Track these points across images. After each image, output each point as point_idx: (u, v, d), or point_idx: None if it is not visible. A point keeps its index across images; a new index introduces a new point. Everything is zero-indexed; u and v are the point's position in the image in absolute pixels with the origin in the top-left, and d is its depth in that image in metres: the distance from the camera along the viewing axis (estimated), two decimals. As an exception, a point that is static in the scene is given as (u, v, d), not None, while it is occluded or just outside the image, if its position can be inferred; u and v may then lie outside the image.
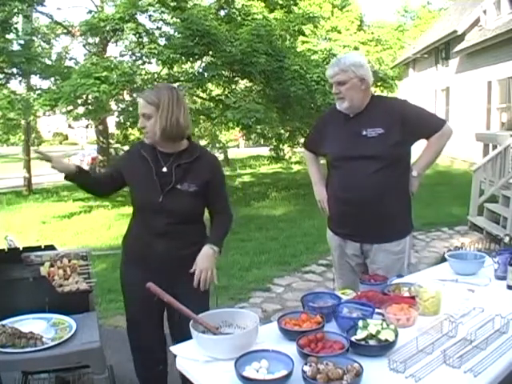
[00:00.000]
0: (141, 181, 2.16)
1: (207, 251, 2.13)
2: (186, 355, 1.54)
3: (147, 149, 2.17)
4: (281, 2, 13.69)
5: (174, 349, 1.59)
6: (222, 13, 12.20)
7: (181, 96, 2.14)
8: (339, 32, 26.39)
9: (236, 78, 11.41)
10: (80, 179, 2.21)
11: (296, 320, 1.68)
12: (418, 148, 2.59)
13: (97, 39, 11.99)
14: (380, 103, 2.50)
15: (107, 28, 9.92)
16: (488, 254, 2.33)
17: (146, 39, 10.54)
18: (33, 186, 13.66)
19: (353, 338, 1.51)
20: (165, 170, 2.13)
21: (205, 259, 2.11)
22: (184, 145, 2.18)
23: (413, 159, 2.56)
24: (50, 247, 2.44)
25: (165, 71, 11.73)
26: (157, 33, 10.88)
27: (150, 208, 2.13)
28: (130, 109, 9.82)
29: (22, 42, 10.02)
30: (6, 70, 10.48)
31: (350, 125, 2.47)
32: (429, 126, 2.47)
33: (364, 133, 2.41)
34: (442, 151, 2.53)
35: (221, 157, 18.00)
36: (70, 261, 2.31)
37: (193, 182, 2.13)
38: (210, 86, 12.38)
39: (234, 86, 11.82)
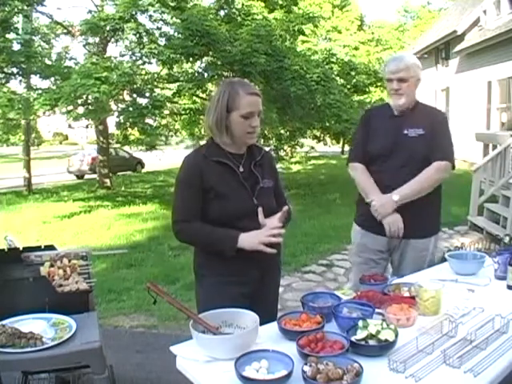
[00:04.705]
0: (229, 188, 1.95)
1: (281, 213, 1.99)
2: (186, 355, 1.54)
3: (217, 154, 1.97)
4: (281, 2, 13.70)
5: (174, 349, 1.59)
6: (222, 13, 12.20)
7: None
8: (339, 32, 26.38)
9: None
10: None
11: (296, 320, 1.68)
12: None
13: (97, 39, 11.99)
14: (424, 107, 2.61)
15: (107, 28, 9.91)
16: (488, 254, 2.32)
17: (146, 39, 10.54)
18: (33, 186, 13.67)
19: (353, 338, 1.51)
20: (242, 170, 1.99)
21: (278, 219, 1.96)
22: None
23: None
24: (50, 247, 2.44)
25: (165, 71, 11.74)
26: (157, 33, 10.89)
27: (245, 214, 1.94)
28: (130, 109, 9.81)
29: (22, 41, 10.02)
30: (5, 70, 10.48)
31: (393, 122, 2.54)
32: (443, 150, 2.50)
33: (405, 132, 2.48)
34: (429, 189, 2.47)
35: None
36: (70, 261, 2.31)
37: (270, 177, 2.07)
38: (209, 86, 12.39)
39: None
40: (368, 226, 2.60)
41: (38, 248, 2.42)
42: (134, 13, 9.86)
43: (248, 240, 1.89)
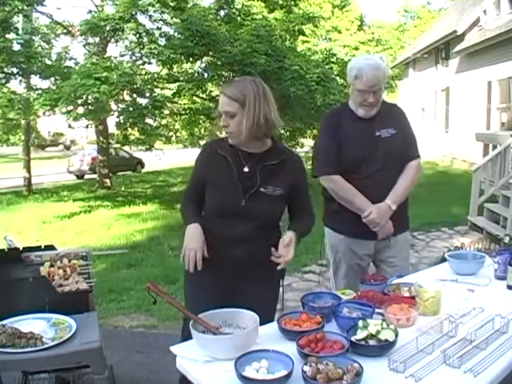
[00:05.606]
0: (221, 183, 1.96)
1: (291, 236, 1.96)
2: (186, 355, 1.54)
3: (226, 147, 1.98)
4: (281, 2, 13.70)
5: (174, 349, 1.59)
6: (222, 13, 12.20)
7: (267, 89, 1.95)
8: (339, 32, 26.43)
9: (236, 79, 11.42)
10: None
11: (296, 320, 1.68)
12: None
13: (97, 39, 11.99)
14: (387, 107, 2.56)
15: (107, 28, 9.92)
16: (488, 254, 2.32)
17: (146, 39, 10.54)
18: (33, 186, 13.65)
19: (353, 338, 1.51)
20: (246, 170, 1.96)
21: (291, 248, 1.94)
22: (268, 144, 2.00)
23: None
24: (50, 247, 2.44)
25: (165, 71, 11.74)
26: (157, 33, 10.89)
27: (231, 212, 1.94)
28: (130, 109, 9.82)
29: (22, 41, 10.02)
30: (5, 70, 10.48)
31: (361, 126, 2.46)
32: (415, 146, 2.55)
33: (378, 133, 2.44)
34: (413, 188, 2.53)
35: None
36: (70, 261, 2.31)
37: (278, 185, 1.96)
38: (209, 86, 12.40)
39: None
40: (355, 234, 2.52)
41: (38, 248, 2.42)
42: (133, 13, 9.87)
43: (189, 236, 1.92)
